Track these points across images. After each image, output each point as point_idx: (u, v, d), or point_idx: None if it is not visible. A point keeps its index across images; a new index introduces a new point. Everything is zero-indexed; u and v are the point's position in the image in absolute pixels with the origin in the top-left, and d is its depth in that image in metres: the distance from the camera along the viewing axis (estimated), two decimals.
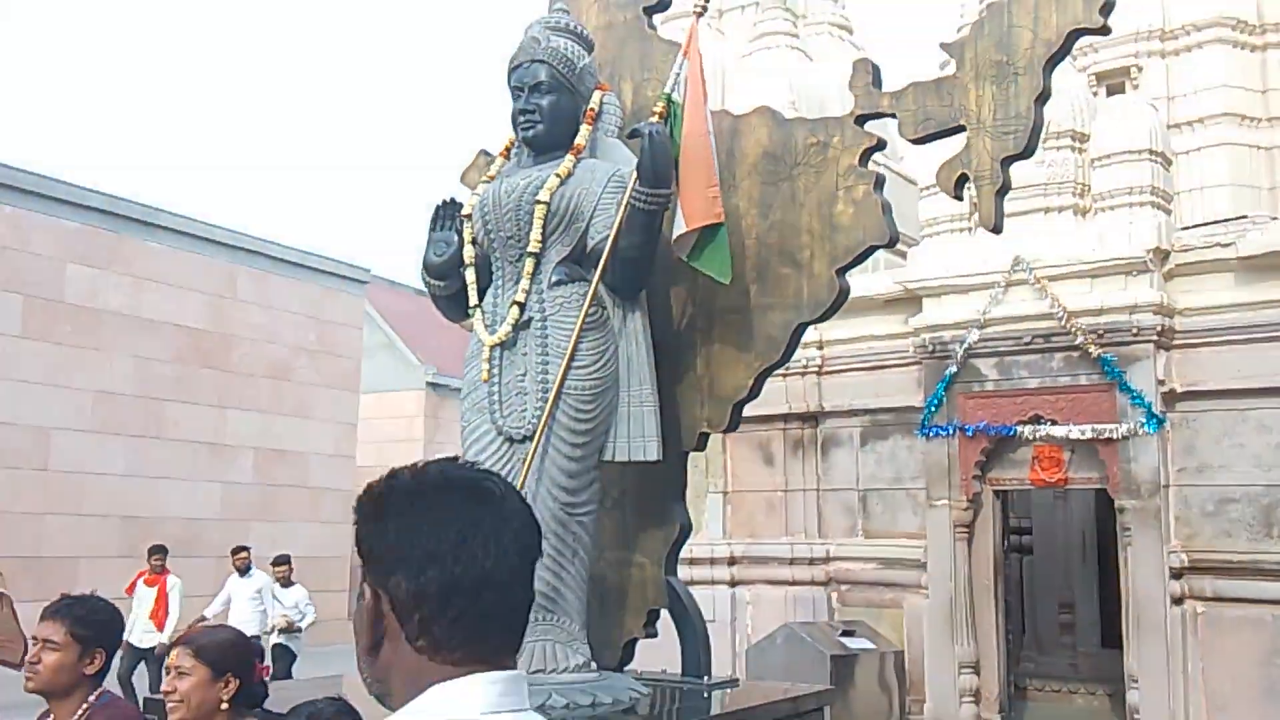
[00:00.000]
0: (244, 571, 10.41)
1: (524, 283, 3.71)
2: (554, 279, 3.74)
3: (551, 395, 3.58)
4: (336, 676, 4.95)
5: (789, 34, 11.13)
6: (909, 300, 9.28)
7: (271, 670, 3.59)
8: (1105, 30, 3.51)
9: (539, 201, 3.71)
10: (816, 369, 9.98)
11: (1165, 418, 8.03)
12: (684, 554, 9.79)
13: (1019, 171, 8.66)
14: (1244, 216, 8.39)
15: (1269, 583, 7.70)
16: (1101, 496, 8.45)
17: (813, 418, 9.99)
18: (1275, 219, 8.35)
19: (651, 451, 3.77)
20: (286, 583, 10.41)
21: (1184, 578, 7.95)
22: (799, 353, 9.84)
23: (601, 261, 3.67)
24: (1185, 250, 8.22)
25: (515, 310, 3.70)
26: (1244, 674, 7.76)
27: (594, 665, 3.71)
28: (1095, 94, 10.43)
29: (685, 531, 4.17)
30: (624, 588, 4.17)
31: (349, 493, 18.98)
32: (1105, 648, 9.40)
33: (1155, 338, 8.02)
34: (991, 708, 8.56)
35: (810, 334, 9.85)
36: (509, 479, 3.61)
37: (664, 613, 4.14)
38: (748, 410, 9.85)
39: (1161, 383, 8.06)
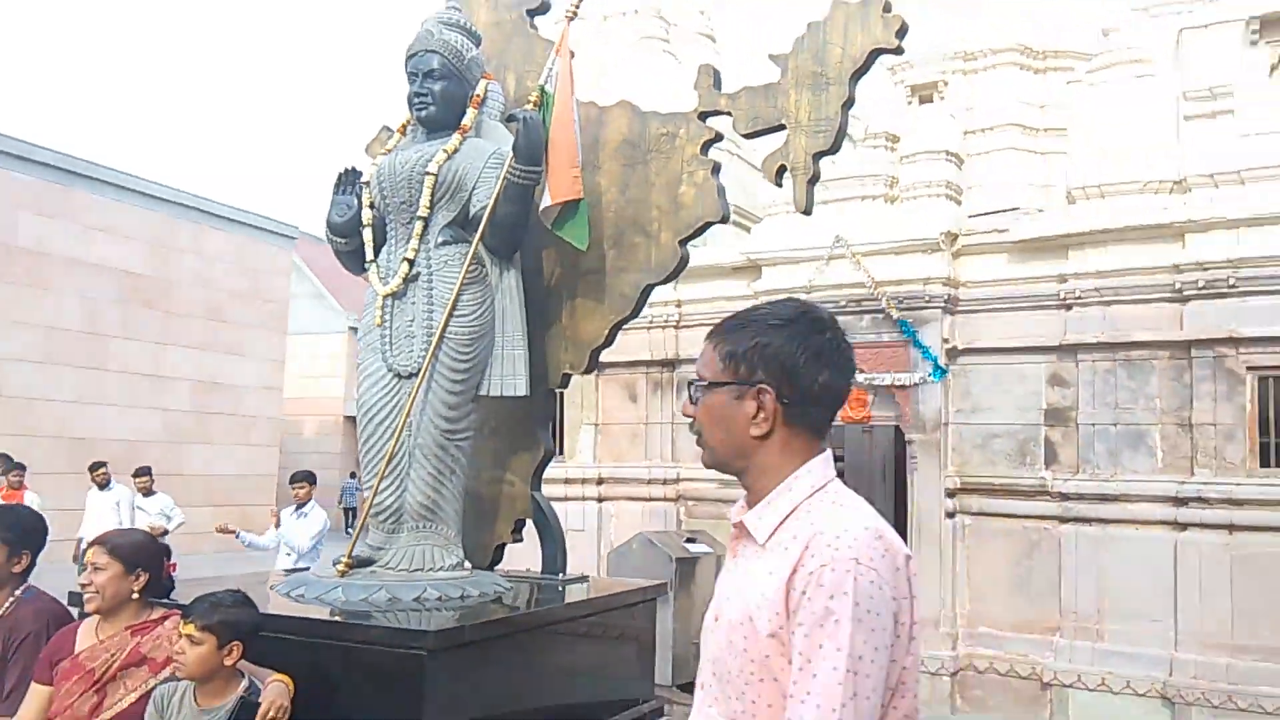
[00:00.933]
0: (103, 486, 9.72)
1: (414, 242, 3.66)
2: (440, 240, 3.69)
3: (435, 339, 3.56)
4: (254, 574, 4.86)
5: (663, 39, 11.07)
6: (752, 268, 9.42)
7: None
8: (899, 51, 3.60)
9: (428, 173, 3.66)
10: (674, 323, 10.08)
11: (948, 369, 8.36)
12: (560, 475, 9.90)
13: (844, 165, 8.90)
14: (1017, 208, 8.71)
15: (1021, 501, 8.14)
16: (898, 431, 8.76)
17: (670, 364, 10.10)
18: (1041, 211, 8.69)
19: (521, 388, 3.78)
20: (148, 492, 9.83)
21: (956, 497, 8.34)
22: (660, 309, 9.97)
23: (481, 226, 3.64)
24: (970, 234, 8.52)
25: (406, 266, 3.65)
26: (1000, 573, 8.22)
27: (467, 565, 3.73)
28: (910, 103, 10.65)
29: (549, 455, 4.20)
30: (496, 501, 4.18)
31: (277, 420, 18.48)
32: None
33: (943, 305, 8.32)
34: None
35: (670, 294, 9.96)
36: (397, 409, 3.60)
37: (530, 522, 4.17)
38: (617, 356, 9.97)
39: (946, 341, 8.38)
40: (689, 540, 9.00)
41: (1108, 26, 8.37)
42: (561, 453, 10.20)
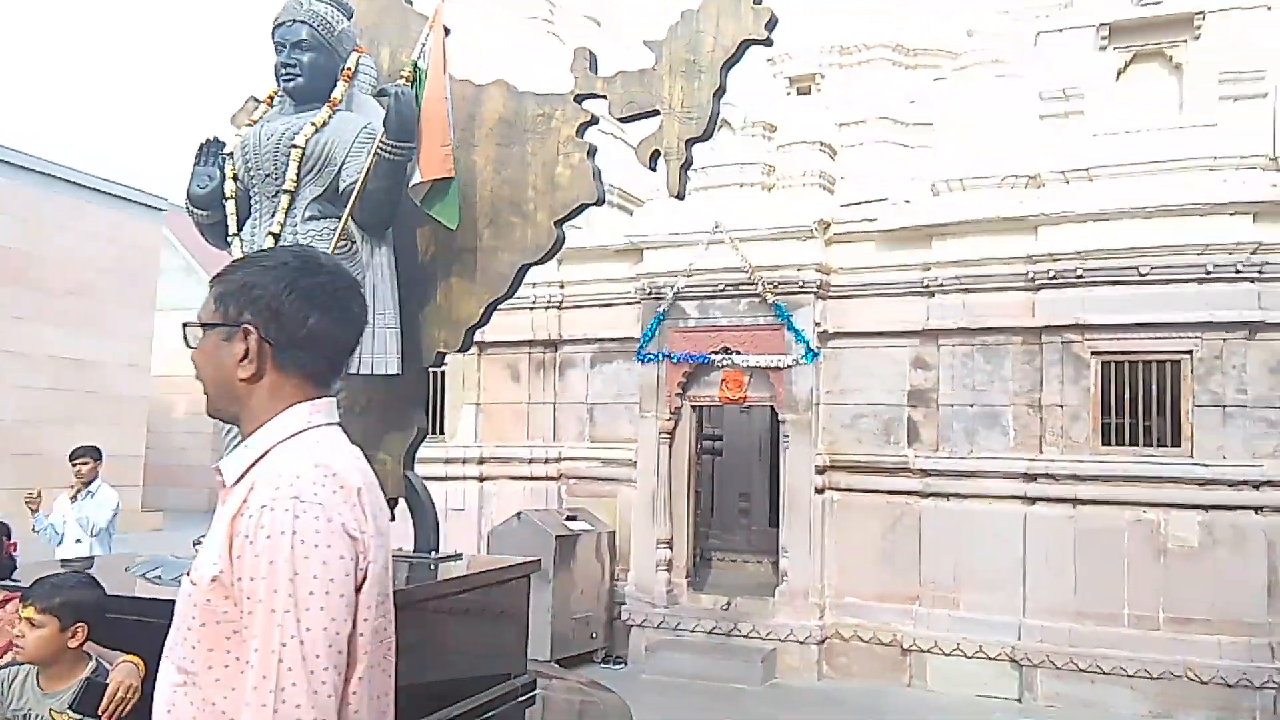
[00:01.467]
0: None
1: (279, 216, 3.55)
2: (307, 214, 3.59)
3: None
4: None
5: (548, 20, 10.98)
6: (634, 252, 9.47)
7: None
8: (769, 43, 3.67)
9: (295, 145, 3.55)
10: (558, 304, 10.05)
11: (819, 352, 8.61)
12: (441, 455, 9.77)
13: (724, 152, 9.01)
14: (886, 199, 8.99)
15: (885, 478, 8.47)
16: (773, 411, 8.97)
17: (553, 344, 10.08)
18: (908, 202, 9.00)
19: (393, 366, 3.72)
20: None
21: (825, 473, 8.61)
22: (543, 290, 9.94)
23: (351, 202, 3.55)
24: (842, 223, 8.76)
25: (270, 240, 3.53)
26: (865, 546, 8.53)
27: None
28: (789, 94, 10.85)
29: (423, 434, 4.14)
30: None
31: (145, 399, 17.64)
32: (771, 526, 10.08)
33: (815, 290, 8.55)
34: (680, 574, 9.03)
35: (553, 275, 9.93)
36: None
37: (403, 502, 4.11)
38: (500, 336, 9.88)
39: (818, 325, 8.62)
40: (569, 518, 9.04)
41: (972, 28, 8.72)
42: (442, 432, 10.07)
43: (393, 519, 4.11)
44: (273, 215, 3.57)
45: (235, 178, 3.67)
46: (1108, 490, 7.67)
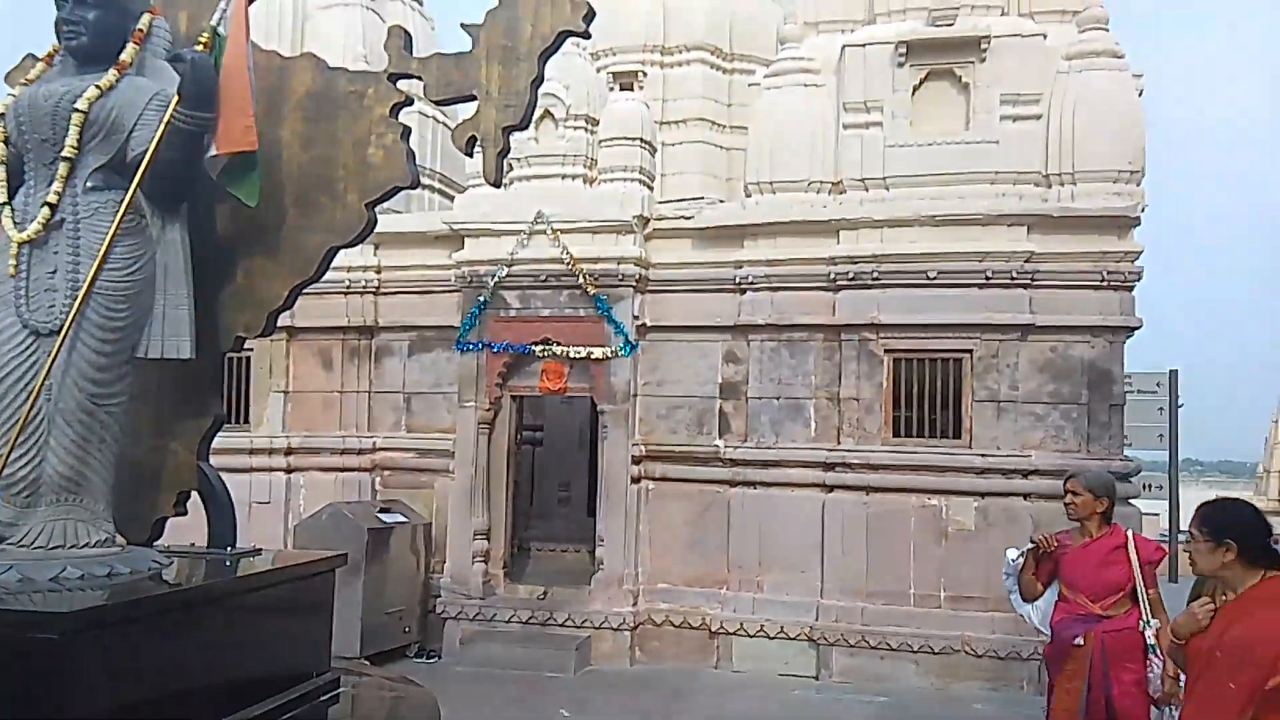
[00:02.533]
0: None
1: (57, 185, 3.23)
2: (89, 184, 3.28)
3: (81, 293, 3.17)
4: None
5: None
6: (454, 238, 9.29)
7: None
8: (586, 35, 3.66)
9: (77, 109, 3.23)
10: (374, 290, 9.74)
11: (637, 344, 8.74)
12: (245, 445, 9.26)
13: (547, 142, 8.96)
14: (702, 197, 9.23)
15: (697, 467, 8.71)
16: (592, 402, 9.03)
17: (369, 331, 9.75)
18: (723, 201, 9.28)
19: (185, 350, 3.47)
20: None
21: (641, 463, 8.76)
22: (360, 274, 9.58)
23: (139, 172, 3.28)
24: (661, 219, 8.93)
25: (46, 210, 3.21)
26: (677, 533, 8.74)
27: (118, 541, 3.38)
28: (612, 88, 10.94)
29: (219, 422, 3.89)
30: (159, 471, 3.82)
31: None
32: (590, 516, 10.16)
33: (634, 284, 8.68)
34: (498, 565, 8.96)
35: (370, 259, 9.59)
36: (34, 370, 3.18)
37: (196, 495, 3.85)
38: (312, 321, 9.46)
39: (637, 318, 8.75)
40: (383, 510, 8.78)
41: (784, 35, 9.06)
42: (247, 421, 9.55)
43: (184, 513, 3.86)
44: (49, 184, 3.25)
45: (7, 141, 3.32)
46: (897, 478, 8.18)
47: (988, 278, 7.99)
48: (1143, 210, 7.91)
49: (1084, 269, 7.93)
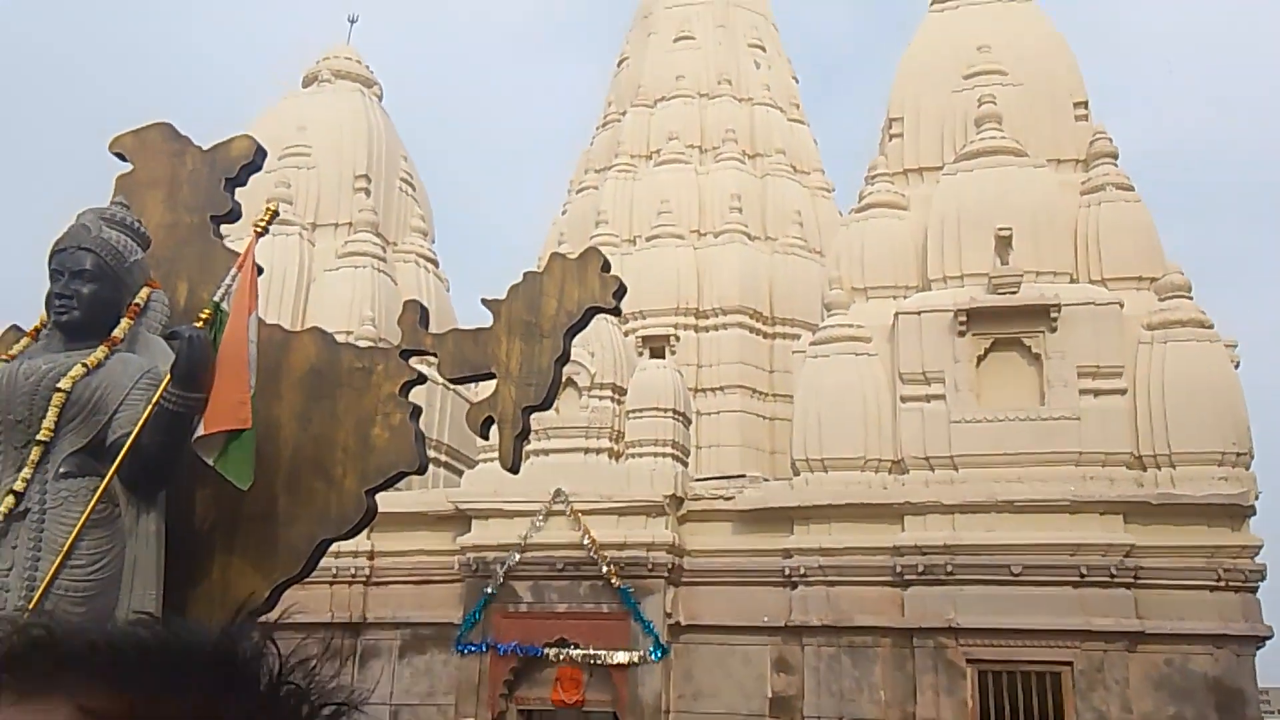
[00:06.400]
0: None
1: (26, 471, 3.34)
2: (62, 470, 3.39)
3: (36, 595, 3.19)
4: None
5: (377, 256, 11.29)
6: (459, 519, 9.34)
7: None
8: (616, 311, 3.87)
9: (59, 389, 3.40)
10: (365, 578, 9.67)
11: (669, 647, 8.51)
12: None
13: (568, 413, 9.22)
14: (743, 475, 9.32)
15: None
16: (614, 718, 8.66)
17: (354, 628, 9.58)
18: (767, 480, 9.35)
19: None
20: None
21: None
22: (348, 560, 9.56)
23: (120, 457, 3.39)
24: (696, 499, 8.98)
25: (10, 499, 3.30)
26: None
27: None
28: (641, 353, 11.37)
29: None
30: None
31: None
32: None
33: (666, 574, 8.58)
34: None
35: (362, 543, 9.60)
36: None
37: None
38: (287, 618, 9.29)
39: (669, 615, 8.58)
40: None
41: (830, 300, 9.50)
42: None
43: None
44: (18, 469, 3.36)
45: None
46: None
47: (1082, 574, 7.84)
48: (1257, 498, 7.86)
49: (1195, 565, 7.77)
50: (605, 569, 8.57)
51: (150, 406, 3.44)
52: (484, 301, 3.99)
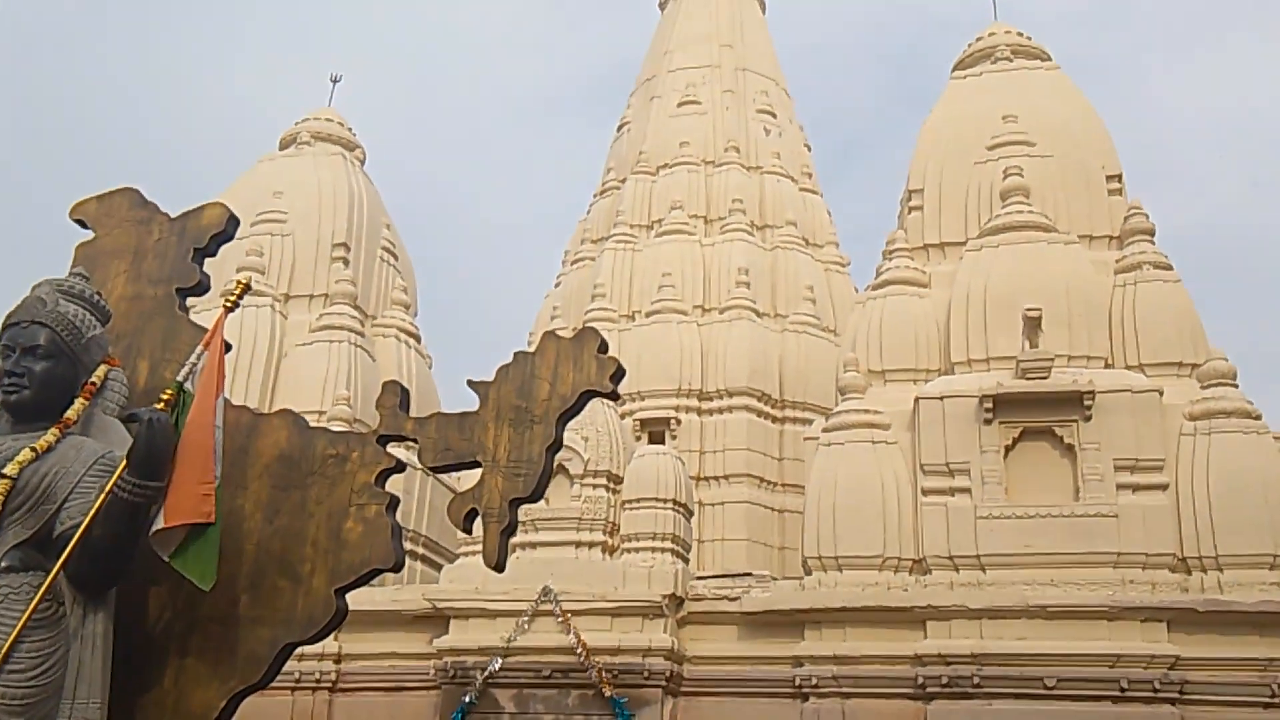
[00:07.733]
0: None
1: None
2: (4, 564, 3.36)
3: None
4: None
5: (354, 330, 11.31)
6: (437, 619, 9.22)
7: None
8: (614, 395, 3.88)
9: (3, 475, 3.39)
10: (330, 684, 9.50)
11: None
12: None
13: (557, 502, 9.17)
14: (749, 573, 9.23)
15: None
16: None
17: None
18: (776, 579, 9.25)
19: None
20: None
21: None
22: (313, 665, 9.41)
23: (67, 551, 3.36)
24: (698, 600, 8.88)
25: None
26: None
27: None
28: (639, 438, 11.34)
29: None
30: None
31: None
32: None
33: (664, 683, 8.45)
34: None
35: (329, 646, 9.45)
36: None
37: None
38: None
39: None
40: None
41: (845, 384, 9.50)
42: None
43: None
44: None
45: None
46: None
47: (1123, 689, 7.72)
48: None
49: (1247, 680, 7.66)
50: (597, 677, 8.43)
51: (103, 495, 3.43)
52: (470, 384, 4.00)
